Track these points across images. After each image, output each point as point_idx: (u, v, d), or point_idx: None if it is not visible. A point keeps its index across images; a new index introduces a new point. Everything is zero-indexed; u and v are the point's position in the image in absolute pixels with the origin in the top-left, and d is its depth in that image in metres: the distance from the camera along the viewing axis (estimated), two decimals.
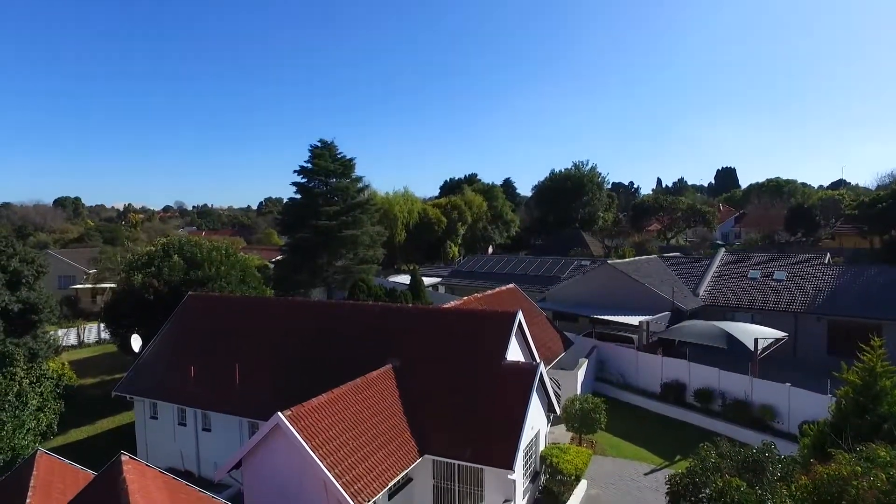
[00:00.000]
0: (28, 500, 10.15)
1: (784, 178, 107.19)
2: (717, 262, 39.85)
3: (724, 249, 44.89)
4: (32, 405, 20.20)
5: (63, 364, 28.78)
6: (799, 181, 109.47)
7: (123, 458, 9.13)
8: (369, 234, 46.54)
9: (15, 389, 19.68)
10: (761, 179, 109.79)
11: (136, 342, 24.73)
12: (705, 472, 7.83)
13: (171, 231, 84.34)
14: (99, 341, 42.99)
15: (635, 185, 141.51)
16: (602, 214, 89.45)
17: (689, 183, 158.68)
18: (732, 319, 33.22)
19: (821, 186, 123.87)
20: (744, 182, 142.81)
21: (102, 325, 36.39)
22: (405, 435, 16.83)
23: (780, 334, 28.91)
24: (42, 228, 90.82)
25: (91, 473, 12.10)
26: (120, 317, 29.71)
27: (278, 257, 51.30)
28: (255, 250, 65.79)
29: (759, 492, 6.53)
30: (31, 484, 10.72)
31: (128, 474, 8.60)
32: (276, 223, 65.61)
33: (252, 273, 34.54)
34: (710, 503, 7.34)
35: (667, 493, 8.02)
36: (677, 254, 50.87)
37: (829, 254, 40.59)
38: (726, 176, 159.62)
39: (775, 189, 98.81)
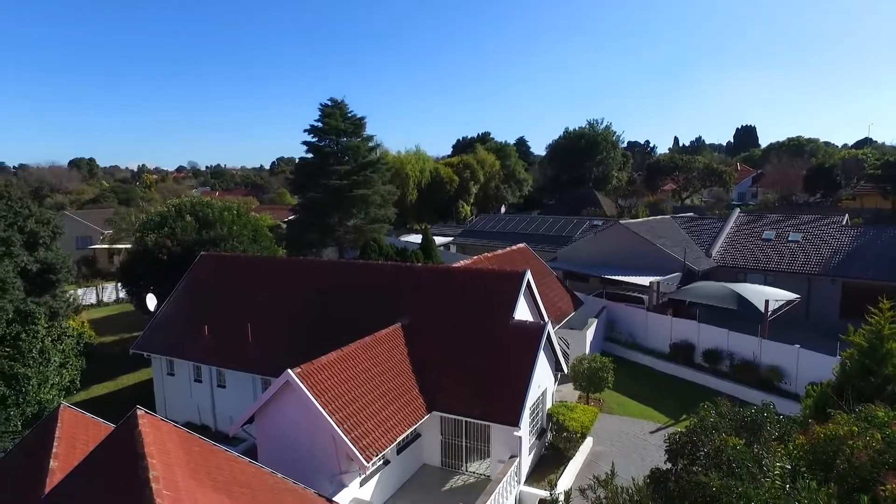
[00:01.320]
0: (54, 450, 10.53)
1: (806, 136, 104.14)
2: (731, 222, 39.32)
3: (739, 210, 44.23)
4: (55, 362, 20.84)
5: (83, 322, 29.55)
6: (822, 140, 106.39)
7: (139, 412, 9.38)
8: (380, 193, 46.40)
9: (38, 346, 20.28)
10: (782, 138, 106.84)
11: (151, 301, 25.24)
12: (704, 431, 7.90)
13: (184, 191, 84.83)
14: (117, 300, 43.96)
15: (651, 144, 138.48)
16: (616, 174, 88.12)
17: (707, 142, 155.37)
18: (745, 281, 32.99)
19: (845, 146, 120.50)
20: (764, 141, 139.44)
21: (119, 284, 37.14)
22: (413, 392, 17.18)
23: (792, 296, 28.70)
24: (58, 190, 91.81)
25: (112, 426, 12.53)
26: (135, 277, 30.28)
27: (290, 217, 51.49)
28: (268, 210, 66.10)
29: (756, 451, 6.60)
30: (57, 435, 11.11)
31: (143, 428, 8.85)
32: (288, 183, 65.60)
33: (264, 233, 34.82)
34: (707, 461, 7.43)
35: (665, 452, 8.13)
36: (691, 214, 50.20)
37: (847, 215, 39.78)
38: (746, 134, 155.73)
39: (796, 148, 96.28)
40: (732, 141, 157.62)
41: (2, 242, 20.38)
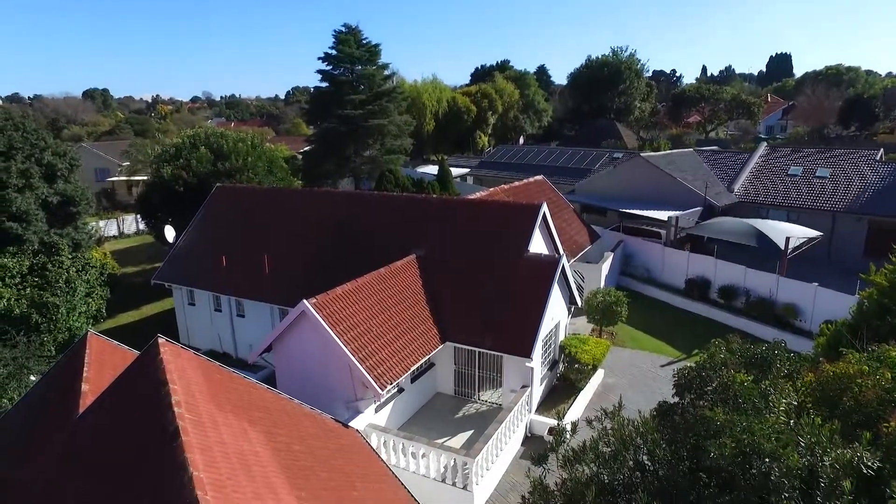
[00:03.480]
0: (85, 374, 11.03)
1: (846, 65, 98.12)
2: (756, 156, 38.06)
3: (765, 143, 42.67)
4: (81, 291, 21.52)
5: (105, 254, 30.23)
6: (863, 69, 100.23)
7: (160, 340, 9.69)
8: (396, 123, 45.61)
9: (64, 277, 20.90)
10: (819, 67, 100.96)
11: (169, 233, 25.62)
12: (714, 367, 7.93)
13: (200, 122, 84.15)
14: (138, 232, 44.75)
15: (677, 74, 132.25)
16: (639, 105, 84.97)
17: (738, 72, 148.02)
18: (767, 218, 32.31)
19: (889, 74, 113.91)
20: (799, 70, 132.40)
21: (138, 216, 37.66)
22: (428, 323, 17.49)
23: (814, 234, 28.12)
24: (73, 121, 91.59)
25: (136, 353, 13.05)
26: (153, 208, 30.62)
27: (306, 148, 51.06)
28: (283, 141, 65.49)
29: (763, 387, 6.63)
30: (86, 360, 11.61)
31: (164, 356, 9.15)
32: (303, 113, 64.56)
33: (279, 164, 34.67)
34: (714, 396, 7.50)
35: (674, 386, 8.22)
36: (715, 148, 48.66)
37: (882, 150, 38.12)
38: (779, 63, 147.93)
39: (834, 77, 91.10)
40: (765, 70, 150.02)
41: (21, 175, 20.58)
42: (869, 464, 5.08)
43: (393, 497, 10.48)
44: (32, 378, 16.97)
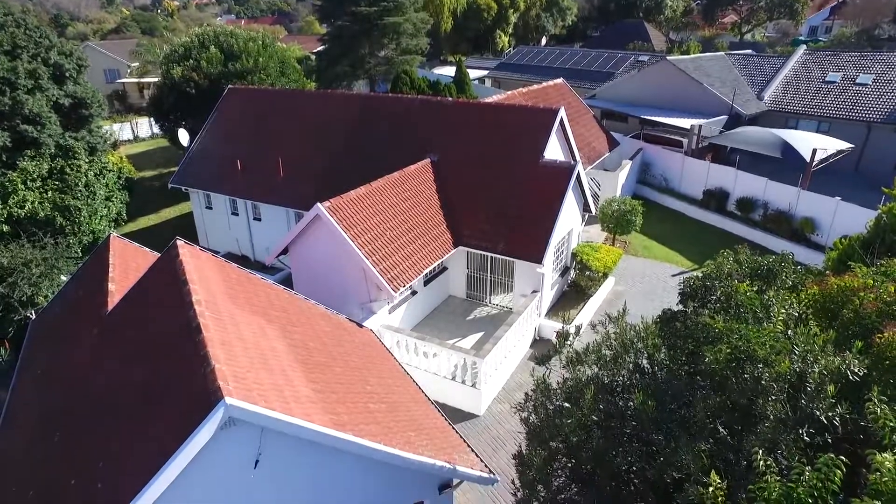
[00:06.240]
0: (110, 274, 11.52)
1: None
2: (792, 61, 35.80)
3: (804, 47, 39.93)
4: (100, 195, 21.85)
5: (121, 158, 30.33)
6: None
7: (178, 242, 9.97)
8: (412, 21, 43.51)
9: (83, 180, 21.15)
10: None
11: (183, 136, 25.49)
12: (720, 277, 8.01)
13: (209, 19, 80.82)
14: (153, 136, 44.52)
15: None
16: (670, 3, 79.23)
17: None
18: (795, 128, 31.00)
19: None
20: None
21: (152, 119, 37.30)
22: (441, 227, 17.68)
23: (844, 145, 26.97)
24: (77, 18, 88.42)
25: (157, 255, 13.50)
26: (165, 111, 30.28)
27: (319, 48, 49.21)
28: (296, 40, 63.01)
29: (766, 298, 6.73)
30: (111, 262, 12.08)
31: (183, 257, 9.46)
32: (316, 10, 61.52)
33: (292, 65, 33.65)
34: (717, 305, 7.65)
35: (679, 294, 8.37)
36: (748, 51, 45.69)
37: None
38: None
39: None
40: None
41: (29, 75, 20.19)
42: (856, 370, 5.26)
43: (405, 393, 11.14)
44: (63, 278, 17.77)
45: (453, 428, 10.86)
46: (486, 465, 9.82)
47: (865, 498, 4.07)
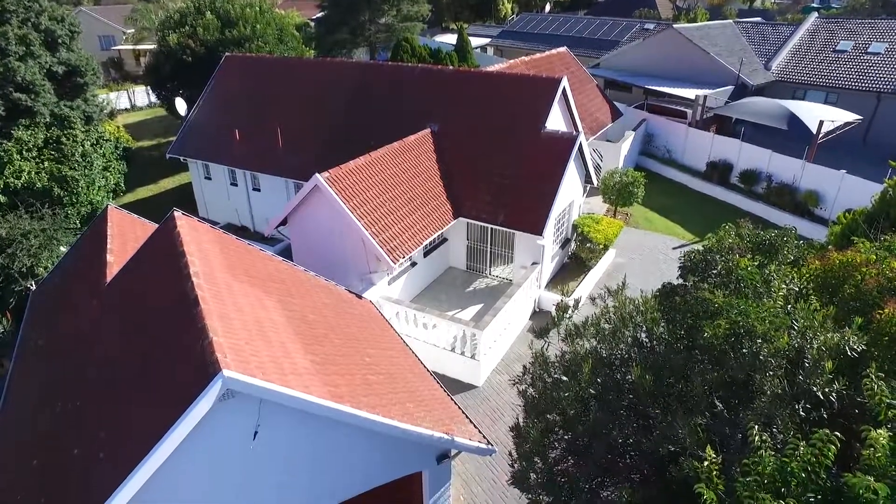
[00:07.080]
0: (109, 245, 11.49)
1: None
2: (802, 29, 34.99)
3: (816, 14, 38.94)
4: (98, 165, 21.64)
5: (118, 127, 29.98)
6: None
7: (176, 213, 9.90)
8: None
9: (79, 150, 20.91)
10: None
11: (180, 105, 25.12)
12: (721, 251, 7.94)
13: None
14: (150, 105, 43.94)
15: None
16: None
17: None
18: (803, 98, 30.47)
19: None
20: None
21: (149, 88, 36.73)
22: (441, 198, 17.55)
23: (852, 117, 26.52)
24: None
25: (156, 226, 13.44)
26: (162, 79, 29.79)
27: (318, 14, 48.19)
28: (294, 6, 61.60)
29: (767, 273, 6.67)
30: (109, 233, 12.04)
31: (181, 229, 9.41)
32: None
33: (290, 32, 32.96)
34: (717, 279, 7.59)
35: (679, 268, 8.32)
36: (758, 19, 44.67)
37: None
38: None
39: None
40: None
41: (20, 41, 19.74)
42: (854, 346, 5.25)
43: (404, 363, 11.20)
44: (62, 249, 17.74)
45: (452, 399, 10.95)
46: (484, 436, 9.93)
47: (858, 473, 4.08)
